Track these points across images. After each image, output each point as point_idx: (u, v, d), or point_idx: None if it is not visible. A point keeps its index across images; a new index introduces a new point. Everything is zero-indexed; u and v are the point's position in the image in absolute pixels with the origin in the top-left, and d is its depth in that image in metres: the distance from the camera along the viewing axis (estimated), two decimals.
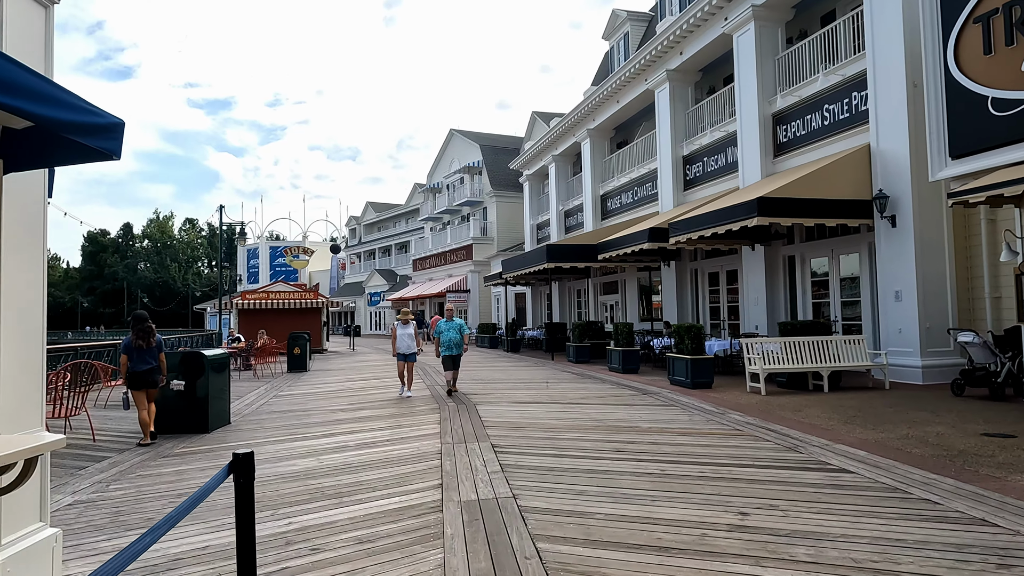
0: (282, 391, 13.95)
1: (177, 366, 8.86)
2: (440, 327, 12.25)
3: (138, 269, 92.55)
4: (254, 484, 2.58)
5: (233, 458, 2.52)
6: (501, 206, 39.79)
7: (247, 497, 2.45)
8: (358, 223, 69.71)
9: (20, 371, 3.49)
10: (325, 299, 29.74)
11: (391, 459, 6.91)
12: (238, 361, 19.67)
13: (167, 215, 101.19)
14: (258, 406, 11.55)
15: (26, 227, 3.57)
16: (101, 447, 7.98)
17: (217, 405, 9.17)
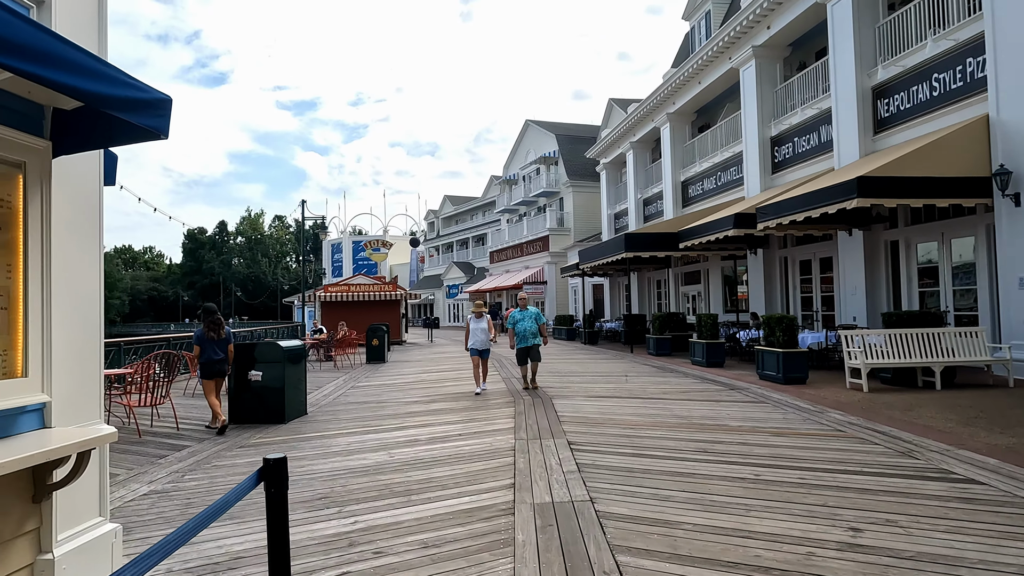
0: (359, 382, 14.04)
1: (254, 356, 8.94)
2: (514, 317, 11.58)
3: (232, 264, 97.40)
4: (287, 492, 2.29)
5: (264, 464, 2.24)
6: (577, 196, 39.16)
7: (279, 508, 2.18)
8: (436, 217, 70.62)
9: (76, 361, 3.38)
10: (404, 291, 30.11)
11: (462, 455, 6.64)
12: (320, 352, 20.10)
13: (258, 213, 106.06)
14: (335, 397, 11.61)
15: (81, 212, 3.46)
16: (183, 436, 8.13)
17: (294, 396, 9.20)
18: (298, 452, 6.99)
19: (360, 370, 17.04)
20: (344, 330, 20.84)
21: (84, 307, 3.45)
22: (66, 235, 3.31)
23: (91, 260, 3.50)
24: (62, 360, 3.26)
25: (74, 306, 3.37)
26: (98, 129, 3.20)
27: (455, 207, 66.83)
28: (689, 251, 19.39)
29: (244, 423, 8.85)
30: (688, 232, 18.30)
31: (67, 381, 3.30)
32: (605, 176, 33.31)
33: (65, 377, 3.28)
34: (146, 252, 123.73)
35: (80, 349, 3.40)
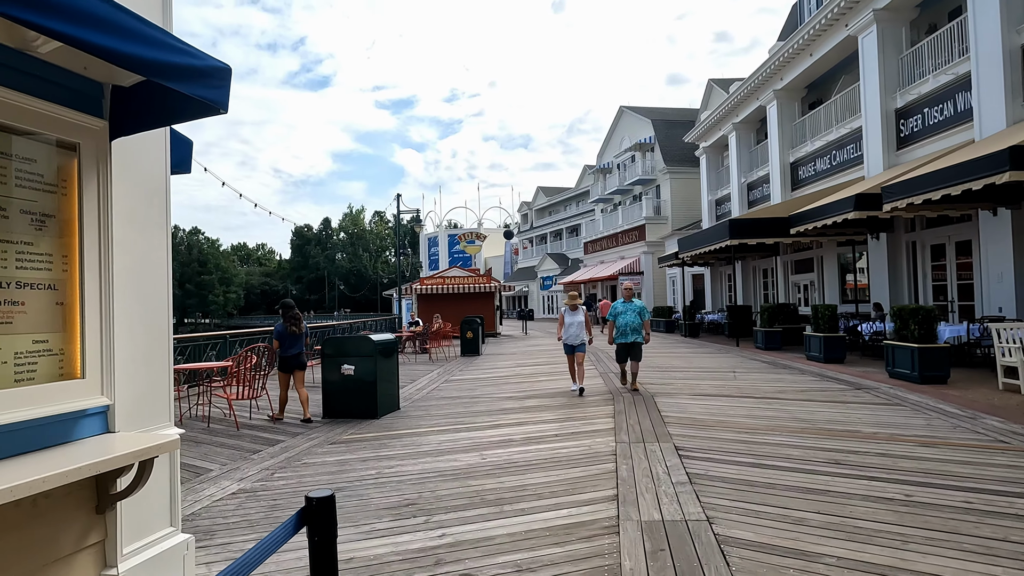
0: (453, 375, 13.84)
1: (346, 350, 8.82)
2: (615, 309, 10.53)
3: (336, 259, 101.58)
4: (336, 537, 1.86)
5: (306, 504, 1.82)
6: (675, 183, 37.64)
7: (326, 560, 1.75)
8: (530, 208, 70.43)
9: (142, 361, 3.13)
10: (498, 283, 29.98)
11: (559, 458, 6.14)
12: (415, 344, 20.21)
13: (359, 209, 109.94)
14: (428, 391, 11.42)
15: (145, 199, 3.20)
16: (278, 430, 8.10)
17: (386, 390, 9.02)
18: (388, 451, 6.73)
19: (454, 363, 16.92)
20: (439, 322, 20.86)
21: (151, 302, 3.20)
22: (128, 224, 3.06)
23: (157, 251, 3.25)
24: (127, 359, 3.01)
25: (139, 301, 3.12)
26: (156, 106, 2.91)
27: (548, 198, 66.34)
28: (801, 237, 17.93)
29: (337, 417, 8.75)
30: (801, 216, 16.88)
31: (132, 382, 3.05)
32: (705, 161, 31.74)
33: (130, 378, 3.04)
34: (259, 249, 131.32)
35: (147, 347, 3.16)
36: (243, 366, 8.73)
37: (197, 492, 5.36)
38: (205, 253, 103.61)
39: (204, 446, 7.22)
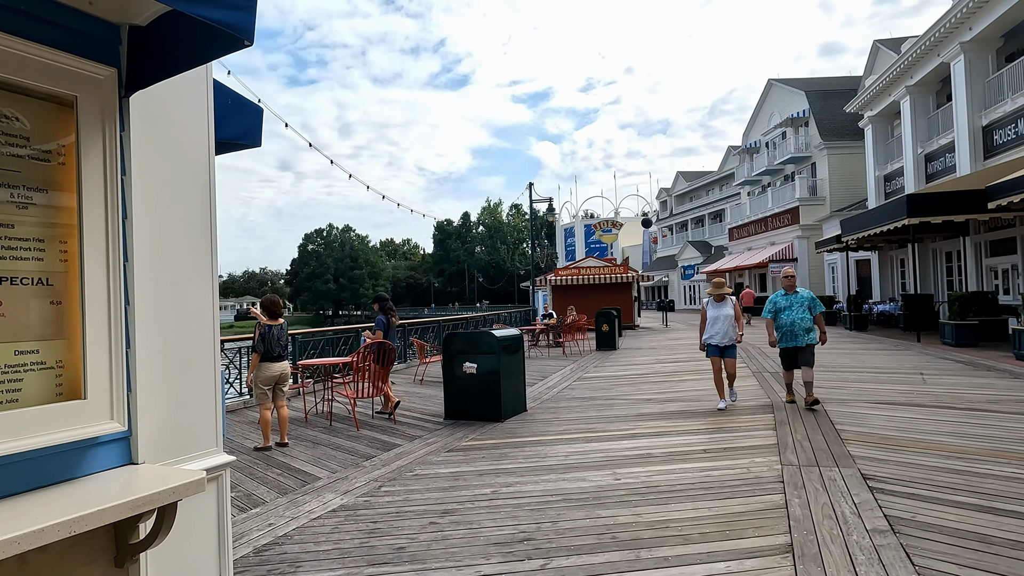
0: (587, 372, 12.91)
1: (467, 347, 8.18)
2: (775, 303, 8.23)
3: (475, 252, 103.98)
4: None
5: None
6: (833, 159, 33.99)
7: None
8: (669, 195, 67.59)
9: (175, 374, 2.52)
10: (635, 273, 28.58)
11: (710, 484, 5.04)
12: (548, 337, 19.50)
13: (496, 202, 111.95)
14: (559, 390, 10.58)
15: (180, 174, 2.58)
16: (397, 432, 7.61)
17: (511, 390, 8.29)
18: (508, 463, 5.95)
19: (589, 358, 15.97)
20: (573, 314, 20.01)
21: (187, 301, 2.58)
22: (156, 201, 2.45)
23: (196, 236, 2.63)
24: (153, 374, 2.41)
25: (171, 300, 2.50)
26: (178, 45, 2.26)
27: (689, 183, 63.19)
28: (1002, 212, 15.05)
29: (460, 419, 8.15)
30: (1006, 187, 14.10)
31: (161, 401, 2.45)
32: (871, 132, 28.19)
33: (157, 396, 2.43)
34: (404, 244, 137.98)
35: (182, 358, 2.54)
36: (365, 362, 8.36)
37: (297, 506, 4.87)
38: (356, 249, 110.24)
39: (320, 447, 6.86)
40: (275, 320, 6.89)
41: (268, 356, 6.77)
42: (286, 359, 6.97)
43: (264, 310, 6.86)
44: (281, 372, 6.85)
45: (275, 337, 6.80)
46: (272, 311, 6.90)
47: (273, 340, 6.79)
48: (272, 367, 6.80)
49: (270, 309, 6.88)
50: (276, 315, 6.93)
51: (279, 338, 6.84)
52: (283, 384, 6.90)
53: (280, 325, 6.91)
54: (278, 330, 6.84)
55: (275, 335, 6.80)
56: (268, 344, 6.76)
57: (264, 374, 6.75)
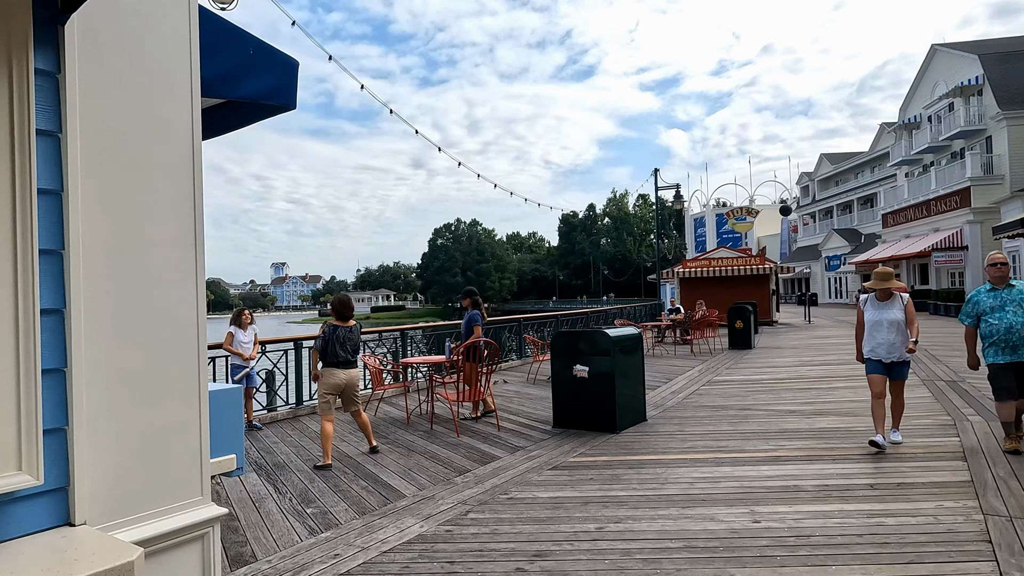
0: (718, 374, 11.59)
1: (579, 347, 7.30)
2: (978, 303, 5.84)
3: (600, 244, 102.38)
4: None
5: None
6: (1015, 131, 29.42)
7: None
8: (811, 180, 62.49)
9: (137, 405, 1.88)
10: (773, 264, 26.26)
11: (884, 537, 3.85)
12: (675, 334, 18.14)
13: (622, 193, 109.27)
14: (685, 395, 9.43)
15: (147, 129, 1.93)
16: (498, 441, 6.90)
17: (628, 397, 7.33)
18: (619, 488, 5.04)
19: (720, 358, 14.52)
20: (703, 309, 18.49)
21: (165, 307, 1.94)
22: (115, 176, 1.81)
23: (177, 222, 1.99)
24: (110, 403, 1.79)
25: (140, 307, 1.87)
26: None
27: (834, 166, 57.98)
28: None
29: (569, 427, 7.31)
30: None
31: (120, 440, 1.82)
32: None
33: (115, 434, 1.81)
34: (530, 237, 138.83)
35: (155, 383, 1.91)
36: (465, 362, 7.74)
37: (371, 532, 4.26)
38: (483, 243, 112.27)
39: (414, 456, 6.29)
40: (344, 321, 6.27)
41: (333, 361, 6.16)
42: (355, 365, 6.36)
43: (332, 310, 6.32)
44: (348, 380, 6.21)
45: (340, 340, 6.16)
46: (340, 312, 6.27)
47: (338, 343, 6.15)
48: (337, 373, 6.13)
49: (338, 310, 6.30)
50: (345, 316, 6.29)
51: (346, 341, 6.19)
52: (353, 392, 6.32)
53: (349, 328, 6.25)
54: (345, 332, 6.20)
55: (341, 337, 6.16)
56: (332, 347, 6.13)
57: (328, 381, 6.13)
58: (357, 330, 6.38)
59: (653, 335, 18.17)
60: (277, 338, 9.08)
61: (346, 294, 6.71)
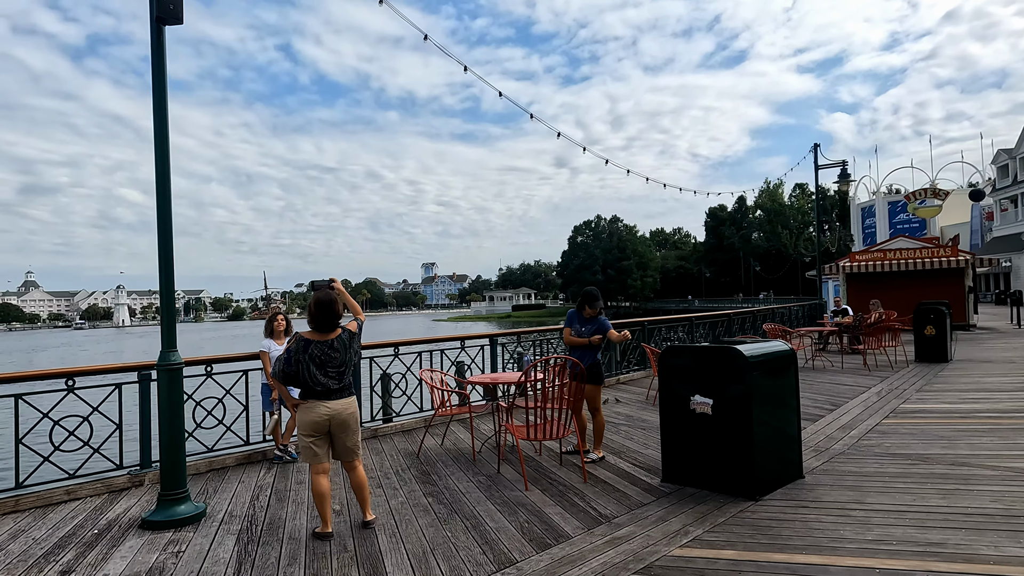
0: (907, 400, 8.66)
1: (695, 369, 5.08)
2: None
3: (751, 239, 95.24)
4: None
5: None
6: None
7: None
8: (1011, 158, 53.15)
9: None
10: (969, 256, 21.56)
11: None
12: (841, 342, 14.86)
13: (776, 183, 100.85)
14: (861, 433, 6.79)
15: None
16: (579, 502, 4.86)
17: (773, 443, 5.01)
18: None
19: (905, 374, 11.30)
20: (878, 311, 15.05)
21: None
22: None
23: None
24: None
25: None
26: None
27: None
28: None
29: (684, 483, 5.12)
30: None
31: None
32: None
33: None
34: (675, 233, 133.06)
35: None
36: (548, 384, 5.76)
37: None
38: (624, 240, 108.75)
39: (452, 524, 4.44)
40: (324, 333, 4.28)
41: (309, 390, 4.27)
42: (348, 394, 4.36)
43: (308, 315, 4.35)
44: (334, 416, 4.26)
45: (317, 359, 4.21)
46: (318, 318, 4.27)
47: (314, 364, 4.19)
48: (317, 408, 4.23)
49: (314, 315, 4.29)
50: (325, 324, 4.27)
51: (326, 361, 4.23)
52: (344, 434, 4.34)
53: (329, 342, 4.25)
54: (323, 349, 4.23)
55: (316, 356, 4.21)
56: (303, 371, 4.19)
57: (305, 418, 4.25)
58: (347, 343, 4.33)
59: (813, 341, 15.02)
60: None
61: (329, 291, 4.35)
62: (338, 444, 4.35)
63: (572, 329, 6.19)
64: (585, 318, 6.14)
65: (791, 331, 13.45)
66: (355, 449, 4.37)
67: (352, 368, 4.36)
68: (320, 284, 4.54)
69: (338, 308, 4.29)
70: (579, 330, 6.12)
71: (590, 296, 6.14)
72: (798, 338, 13.28)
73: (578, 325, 6.15)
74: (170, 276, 4.83)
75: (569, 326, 6.23)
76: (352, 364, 4.35)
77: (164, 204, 4.78)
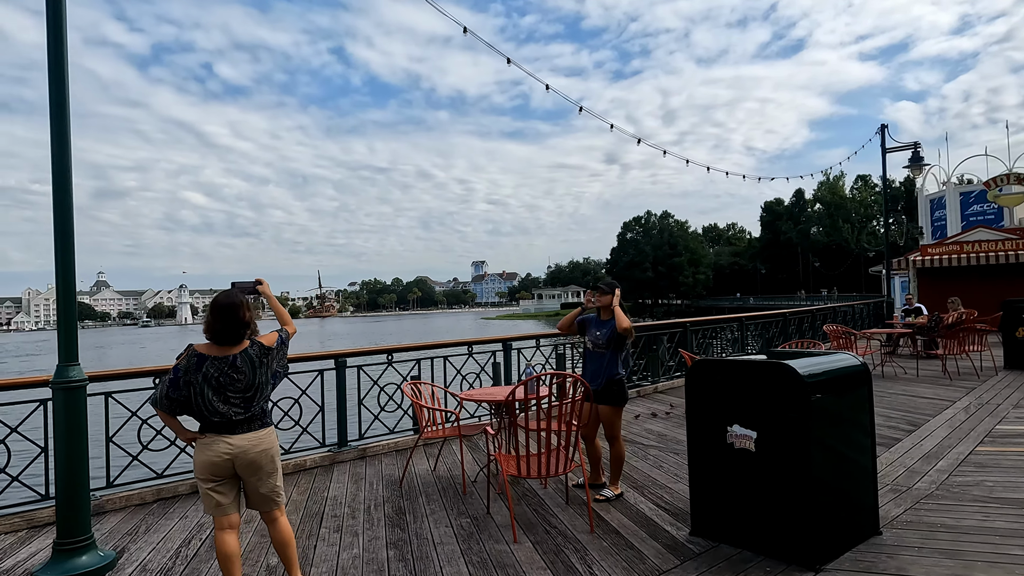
0: (1003, 418, 7.17)
1: (733, 391, 3.88)
2: None
3: (810, 233, 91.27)
4: None
5: None
6: None
7: None
8: None
9: None
10: None
11: None
12: (914, 346, 13.18)
13: (837, 175, 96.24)
14: (952, 465, 5.42)
15: None
16: (577, 564, 3.74)
17: (838, 490, 3.77)
18: None
19: (996, 385, 9.68)
20: (958, 310, 13.34)
21: None
22: None
23: None
24: None
25: None
26: None
27: None
28: None
29: (719, 539, 3.93)
30: None
31: None
32: None
33: None
34: (729, 229, 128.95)
35: None
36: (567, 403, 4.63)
37: None
38: (675, 236, 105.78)
39: None
40: (226, 346, 3.21)
41: (205, 422, 3.22)
42: (260, 425, 3.28)
43: (205, 327, 3.26)
44: (236, 455, 3.20)
45: (213, 381, 3.16)
46: (214, 327, 3.20)
47: (209, 387, 3.15)
48: (215, 445, 3.18)
49: (211, 325, 3.22)
50: (230, 335, 3.21)
51: (227, 384, 3.18)
52: (255, 478, 3.29)
53: (228, 358, 3.20)
54: (221, 368, 3.18)
55: (212, 377, 3.16)
56: (195, 395, 3.16)
57: (200, 458, 3.22)
58: (255, 360, 3.25)
59: (881, 343, 13.37)
60: (312, 354, 6.66)
61: (237, 293, 3.34)
62: (249, 490, 3.32)
63: (588, 335, 5.05)
64: (602, 319, 4.98)
65: (856, 333, 11.89)
66: (273, 496, 3.34)
67: (265, 392, 3.34)
68: (243, 285, 3.56)
69: (243, 314, 3.26)
70: (595, 336, 4.97)
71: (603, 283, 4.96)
72: (864, 340, 11.74)
73: (594, 329, 5.00)
74: (69, 270, 3.92)
75: (583, 328, 5.09)
76: (265, 387, 3.33)
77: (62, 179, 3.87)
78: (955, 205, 52.69)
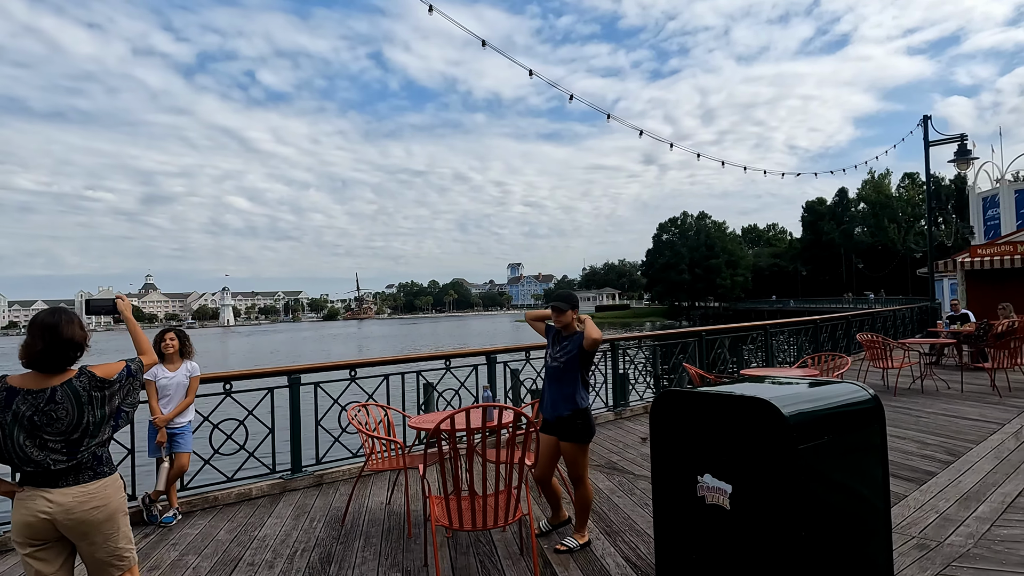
0: None
1: (704, 433, 3.10)
2: None
3: (853, 234, 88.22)
4: None
5: None
6: None
7: None
8: None
9: None
10: None
11: None
12: (959, 355, 12.01)
13: (882, 174, 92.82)
14: (996, 510, 4.51)
15: None
16: None
17: (834, 554, 2.96)
18: None
19: None
20: (1011, 316, 12.15)
21: None
22: None
23: None
24: None
25: None
26: None
27: None
28: None
29: None
30: None
31: None
32: None
33: None
34: (769, 230, 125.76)
35: None
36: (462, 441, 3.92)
37: None
38: (712, 237, 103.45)
39: None
40: (42, 377, 2.59)
41: (19, 471, 2.59)
42: (85, 479, 2.62)
43: (22, 351, 2.56)
44: (56, 516, 2.55)
45: (19, 420, 2.51)
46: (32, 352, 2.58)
47: (21, 428, 2.51)
48: (31, 502, 2.56)
49: (29, 348, 2.57)
50: (47, 361, 2.59)
51: (40, 424, 2.52)
52: (86, 542, 2.62)
53: (46, 391, 2.55)
54: (34, 404, 2.53)
55: (21, 416, 2.51)
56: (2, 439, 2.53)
57: (15, 518, 2.57)
58: (82, 395, 2.60)
59: (923, 354, 12.22)
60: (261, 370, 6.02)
61: (64, 309, 2.71)
62: (84, 555, 2.68)
63: (548, 348, 4.32)
64: (563, 335, 4.23)
65: (893, 343, 10.81)
66: (114, 561, 2.70)
67: (99, 435, 2.68)
68: (99, 305, 2.97)
69: (72, 334, 2.62)
70: (553, 354, 4.23)
71: (559, 298, 4.21)
72: (902, 351, 10.66)
73: (554, 344, 4.26)
74: None
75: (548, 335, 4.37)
76: (99, 429, 2.67)
77: None
78: (1009, 203, 50.01)
